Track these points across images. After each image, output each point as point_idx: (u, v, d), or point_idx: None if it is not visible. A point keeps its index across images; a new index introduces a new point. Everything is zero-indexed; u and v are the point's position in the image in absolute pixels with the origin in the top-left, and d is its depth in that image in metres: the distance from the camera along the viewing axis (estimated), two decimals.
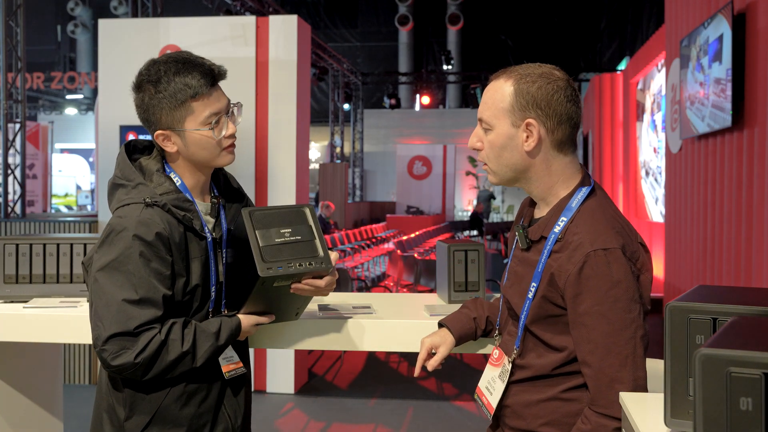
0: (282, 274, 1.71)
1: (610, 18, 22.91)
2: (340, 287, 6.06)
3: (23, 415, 2.50)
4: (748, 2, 4.75)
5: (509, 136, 1.58)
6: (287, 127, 5.37)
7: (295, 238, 1.78)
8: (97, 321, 1.64)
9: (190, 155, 1.77)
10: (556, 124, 1.56)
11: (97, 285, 1.66)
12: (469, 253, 2.38)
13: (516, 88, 1.57)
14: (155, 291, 1.65)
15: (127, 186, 1.75)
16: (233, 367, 1.83)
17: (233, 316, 1.81)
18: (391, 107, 22.51)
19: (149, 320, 1.64)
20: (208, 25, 5.52)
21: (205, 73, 1.74)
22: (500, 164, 1.62)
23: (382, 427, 4.71)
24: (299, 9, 22.48)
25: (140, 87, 1.76)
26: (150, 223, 1.66)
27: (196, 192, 1.83)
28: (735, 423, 0.92)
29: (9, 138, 7.47)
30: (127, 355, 1.62)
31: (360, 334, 2.11)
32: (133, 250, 1.64)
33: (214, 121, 1.75)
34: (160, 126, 1.74)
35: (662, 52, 8.50)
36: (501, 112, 1.58)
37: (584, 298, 1.51)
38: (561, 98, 1.56)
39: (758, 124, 4.57)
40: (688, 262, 6.18)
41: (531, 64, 1.61)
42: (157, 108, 1.73)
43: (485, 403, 1.75)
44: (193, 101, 1.72)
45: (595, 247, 1.50)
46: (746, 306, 1.21)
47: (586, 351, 1.52)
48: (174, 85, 1.71)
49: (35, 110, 23.27)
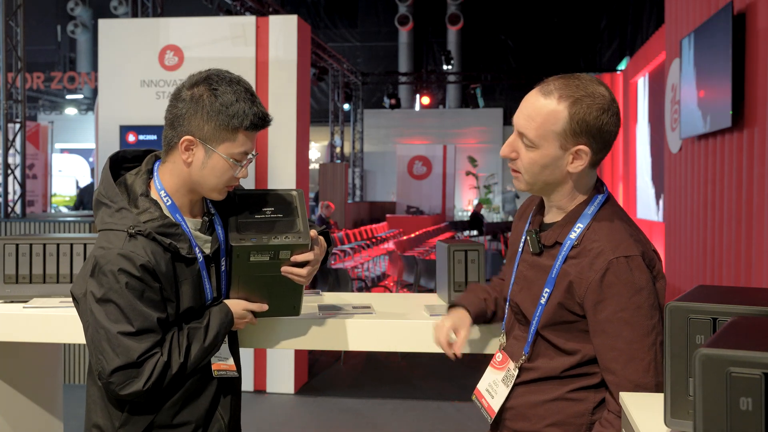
0: (255, 244, 1.71)
1: (610, 18, 22.90)
2: (340, 287, 6.07)
3: (23, 415, 2.50)
4: (748, 2, 4.75)
5: (555, 158, 1.55)
6: (287, 127, 5.37)
7: (276, 216, 1.79)
8: (98, 354, 1.64)
9: (199, 175, 1.71)
10: (601, 147, 1.56)
11: (94, 318, 1.65)
12: (469, 253, 2.38)
13: (571, 113, 1.52)
14: (150, 319, 1.64)
15: (111, 207, 1.70)
16: (225, 367, 1.81)
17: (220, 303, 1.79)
18: (391, 107, 22.49)
19: (150, 347, 1.64)
20: (208, 25, 5.52)
21: (262, 115, 1.71)
22: (537, 179, 1.60)
23: (382, 427, 4.71)
24: (299, 9, 22.48)
25: (197, 85, 1.69)
26: (133, 257, 1.63)
27: (186, 210, 1.77)
28: (735, 423, 0.92)
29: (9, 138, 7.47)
30: (135, 384, 1.63)
31: (360, 334, 2.11)
32: (120, 285, 1.63)
33: (242, 161, 1.72)
34: (194, 133, 1.67)
35: (662, 52, 8.50)
36: (551, 134, 1.54)
37: (606, 305, 1.51)
38: (609, 122, 1.54)
39: (758, 124, 4.57)
40: (688, 262, 6.18)
41: (578, 80, 1.55)
42: (207, 115, 1.66)
43: (485, 405, 1.73)
44: (242, 132, 1.68)
45: (617, 254, 1.51)
46: (746, 306, 1.21)
47: (609, 358, 1.52)
48: (237, 106, 1.66)
49: (35, 110, 23.25)
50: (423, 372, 5.90)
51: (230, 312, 1.79)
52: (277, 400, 5.20)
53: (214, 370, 1.79)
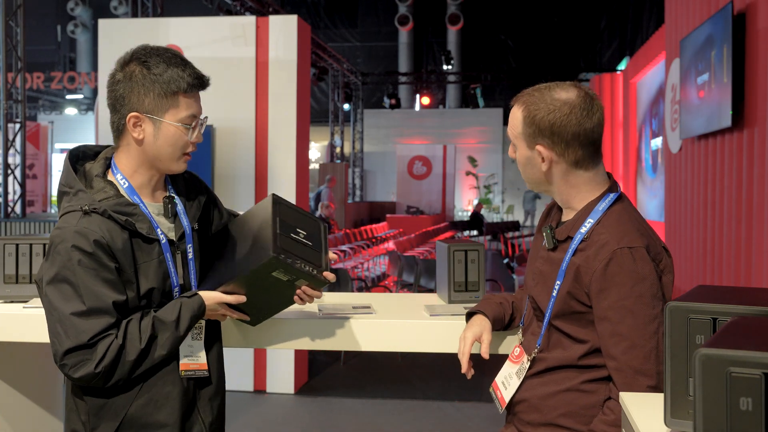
0: (289, 264, 1.70)
1: (610, 18, 22.90)
2: (340, 287, 6.06)
3: (23, 415, 2.50)
4: (748, 2, 4.75)
5: (528, 157, 1.69)
6: (287, 127, 5.37)
7: (308, 242, 1.80)
8: (52, 337, 1.62)
9: (154, 149, 1.71)
10: (564, 147, 1.64)
11: (47, 300, 1.63)
12: (469, 253, 2.38)
13: (525, 116, 1.66)
14: (104, 299, 1.61)
15: (69, 193, 1.70)
16: (194, 366, 1.77)
17: (194, 295, 1.74)
18: (391, 107, 22.50)
19: (102, 329, 1.61)
20: (208, 25, 5.52)
21: (197, 75, 1.73)
22: (527, 177, 1.74)
23: (382, 427, 4.71)
24: (299, 9, 22.47)
25: (127, 64, 1.71)
26: (87, 232, 1.61)
27: (146, 192, 1.76)
28: (735, 423, 0.92)
29: (9, 138, 7.47)
30: (87, 366, 1.59)
31: (360, 334, 2.11)
32: (72, 262, 1.60)
33: (192, 123, 1.73)
34: (137, 109, 1.69)
35: (662, 52, 8.50)
36: (518, 136, 1.69)
37: (609, 293, 1.57)
38: (564, 123, 1.62)
39: (758, 124, 4.57)
40: (688, 262, 6.18)
41: (542, 88, 1.68)
42: (143, 89, 1.68)
43: (499, 397, 1.79)
44: (182, 96, 1.71)
45: (621, 245, 1.57)
46: (746, 306, 1.21)
47: (610, 344, 1.57)
48: (169, 73, 1.69)
49: (35, 110, 23.25)
50: (423, 372, 5.90)
51: (203, 305, 1.74)
52: (277, 400, 5.20)
53: (181, 370, 1.75)
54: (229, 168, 5.38)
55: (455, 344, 1.93)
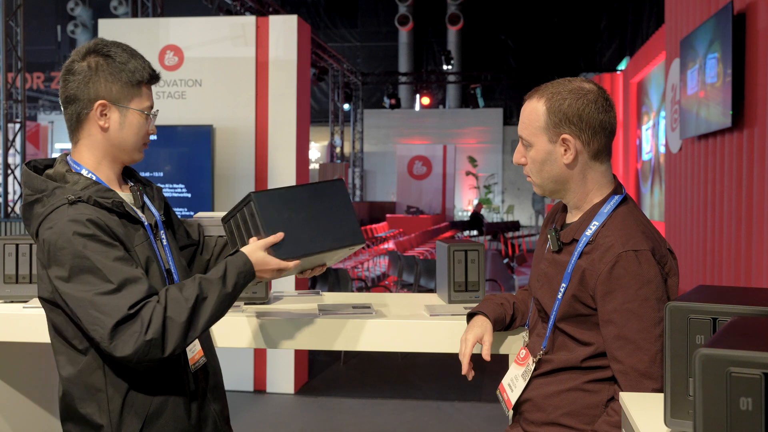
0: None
1: (610, 18, 22.88)
2: (340, 287, 6.07)
3: (23, 415, 2.50)
4: (748, 2, 4.75)
5: (548, 152, 1.67)
6: (287, 127, 5.37)
7: None
8: (92, 326, 1.53)
9: (119, 137, 1.71)
10: (591, 135, 1.65)
11: (72, 299, 1.55)
12: (469, 253, 2.38)
13: (548, 106, 1.65)
14: (128, 270, 1.56)
15: (42, 197, 1.64)
16: (196, 357, 1.78)
17: (236, 252, 1.72)
18: (391, 107, 22.49)
19: (141, 297, 1.54)
20: (208, 25, 5.52)
21: (153, 68, 1.77)
22: (543, 177, 1.71)
23: (382, 427, 4.71)
24: (299, 9, 22.47)
25: (87, 55, 1.70)
26: (80, 217, 1.57)
27: (113, 186, 1.75)
28: (735, 423, 0.92)
29: (9, 138, 7.47)
30: (137, 337, 1.51)
31: (360, 334, 2.11)
32: (80, 248, 1.55)
33: (150, 113, 1.76)
34: (104, 97, 1.68)
35: (662, 52, 8.50)
36: (538, 130, 1.67)
37: (615, 296, 1.57)
38: (592, 110, 1.63)
39: (758, 124, 4.57)
40: (688, 262, 6.18)
41: (561, 81, 1.70)
42: (111, 77, 1.68)
43: (505, 399, 1.80)
44: (144, 86, 1.74)
45: (627, 248, 1.57)
46: (746, 306, 1.21)
47: (615, 347, 1.58)
48: (133, 63, 1.71)
49: (35, 110, 23.25)
50: (423, 372, 5.90)
51: (248, 260, 1.70)
52: (277, 400, 5.20)
53: (191, 365, 1.75)
54: (229, 168, 5.38)
55: (455, 344, 1.93)
